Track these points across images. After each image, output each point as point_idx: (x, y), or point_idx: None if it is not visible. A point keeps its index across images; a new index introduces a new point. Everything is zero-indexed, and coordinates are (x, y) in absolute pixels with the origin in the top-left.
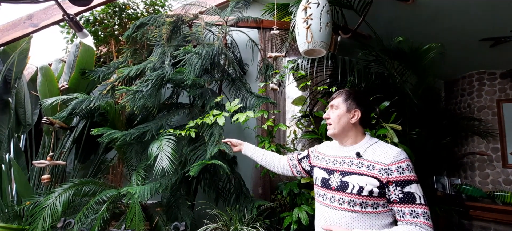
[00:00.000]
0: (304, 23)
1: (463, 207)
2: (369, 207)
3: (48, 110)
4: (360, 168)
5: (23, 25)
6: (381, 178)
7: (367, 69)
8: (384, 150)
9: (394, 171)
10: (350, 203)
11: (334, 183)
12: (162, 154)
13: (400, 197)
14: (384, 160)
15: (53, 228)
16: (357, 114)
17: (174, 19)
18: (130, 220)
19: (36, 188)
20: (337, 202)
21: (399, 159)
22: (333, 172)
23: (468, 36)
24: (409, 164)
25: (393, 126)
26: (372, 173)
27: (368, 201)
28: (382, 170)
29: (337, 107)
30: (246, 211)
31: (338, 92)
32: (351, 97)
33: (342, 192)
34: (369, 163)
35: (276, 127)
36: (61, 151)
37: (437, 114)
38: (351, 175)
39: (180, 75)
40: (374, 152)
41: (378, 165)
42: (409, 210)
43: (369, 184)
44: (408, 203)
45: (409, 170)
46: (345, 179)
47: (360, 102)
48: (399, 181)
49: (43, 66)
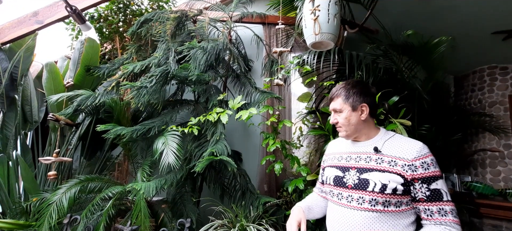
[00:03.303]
0: (312, 14)
1: (474, 205)
2: (392, 206)
3: (54, 107)
4: (380, 164)
5: (28, 22)
6: (405, 175)
7: (375, 64)
8: (406, 144)
9: (419, 167)
10: (371, 202)
11: (350, 181)
12: (168, 149)
13: (427, 195)
14: (407, 156)
15: (59, 224)
16: (366, 109)
17: (178, 15)
18: (135, 216)
19: (43, 185)
20: (355, 201)
21: (423, 154)
22: (348, 169)
23: (480, 30)
24: (433, 159)
25: (403, 121)
26: (395, 170)
27: (391, 199)
28: (406, 166)
29: (341, 110)
30: (252, 208)
31: (335, 94)
32: (352, 94)
33: (361, 191)
34: (390, 158)
35: (281, 123)
36: (67, 147)
37: (446, 110)
38: (371, 171)
39: (185, 71)
40: (394, 146)
41: (401, 161)
42: (437, 208)
43: (392, 181)
44: (435, 201)
45: (434, 165)
46: (364, 176)
47: (364, 95)
48: (425, 178)
49: (49, 63)
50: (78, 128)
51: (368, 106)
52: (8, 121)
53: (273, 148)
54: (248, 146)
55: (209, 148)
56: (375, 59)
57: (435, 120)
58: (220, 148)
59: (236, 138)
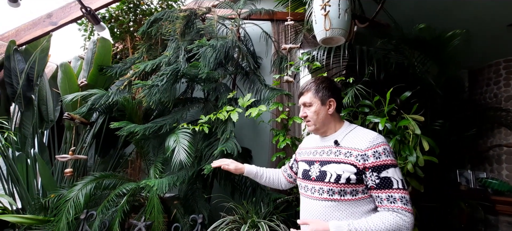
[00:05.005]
0: (322, 10)
1: (489, 202)
2: (348, 195)
3: (69, 106)
4: (338, 156)
5: (43, 24)
6: (357, 164)
7: (386, 59)
8: (361, 136)
9: (370, 157)
10: (329, 192)
11: (313, 173)
12: (179, 146)
13: (377, 182)
14: (360, 146)
15: (77, 220)
16: (333, 103)
17: (187, 13)
18: (149, 212)
19: (60, 182)
20: (317, 192)
21: (375, 144)
22: (313, 163)
23: (495, 22)
24: (386, 148)
25: (415, 117)
26: (349, 160)
27: (346, 188)
28: (359, 156)
29: (311, 104)
30: (263, 205)
31: (305, 88)
32: (322, 88)
33: (321, 182)
34: (347, 150)
35: (291, 120)
36: (82, 145)
37: (460, 105)
38: (330, 164)
39: (195, 69)
40: (352, 138)
41: (355, 151)
42: (386, 195)
43: (346, 171)
44: (384, 188)
45: (386, 154)
46: (323, 169)
47: (332, 90)
48: (375, 166)
49: (63, 63)
50: (92, 126)
51: (334, 101)
52: (26, 120)
53: (284, 144)
54: (258, 142)
55: (220, 146)
56: (386, 54)
57: (449, 115)
58: (231, 146)
59: (246, 135)
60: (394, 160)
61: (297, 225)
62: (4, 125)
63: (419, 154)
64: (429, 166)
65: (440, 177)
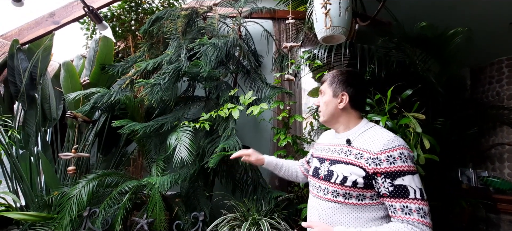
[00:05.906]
0: (323, 8)
1: (491, 200)
2: (353, 198)
3: (72, 104)
4: (348, 156)
5: (45, 23)
6: (367, 168)
7: (387, 57)
8: (375, 136)
9: (383, 161)
10: (334, 193)
11: (322, 172)
12: (181, 144)
13: (390, 190)
14: (373, 148)
15: (80, 217)
16: (345, 98)
17: (188, 12)
18: (151, 209)
19: (63, 179)
20: (322, 192)
21: (390, 147)
22: (324, 161)
23: (498, 19)
24: (403, 152)
25: (417, 115)
26: (359, 162)
27: (352, 192)
28: (370, 159)
29: (324, 93)
30: (264, 202)
31: (325, 77)
32: (337, 80)
33: (327, 182)
34: (358, 151)
35: (291, 119)
36: (84, 144)
37: (462, 104)
38: (338, 163)
39: (196, 68)
40: (365, 138)
41: (367, 154)
42: (401, 205)
43: (353, 173)
44: (399, 197)
45: (402, 159)
46: (332, 168)
47: (349, 84)
48: (388, 172)
49: (66, 62)
50: (94, 124)
51: (348, 96)
52: (29, 119)
53: (285, 142)
54: (259, 140)
55: (221, 143)
56: (388, 52)
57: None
58: (232, 144)
59: (247, 133)
60: (412, 166)
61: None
62: (8, 123)
63: (420, 152)
64: (431, 164)
65: (441, 176)
